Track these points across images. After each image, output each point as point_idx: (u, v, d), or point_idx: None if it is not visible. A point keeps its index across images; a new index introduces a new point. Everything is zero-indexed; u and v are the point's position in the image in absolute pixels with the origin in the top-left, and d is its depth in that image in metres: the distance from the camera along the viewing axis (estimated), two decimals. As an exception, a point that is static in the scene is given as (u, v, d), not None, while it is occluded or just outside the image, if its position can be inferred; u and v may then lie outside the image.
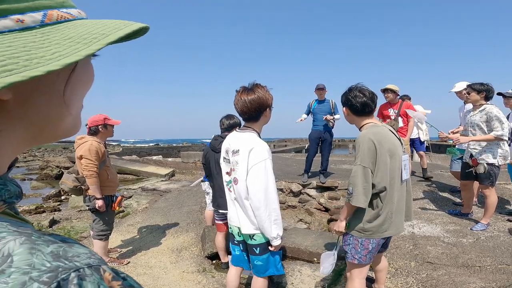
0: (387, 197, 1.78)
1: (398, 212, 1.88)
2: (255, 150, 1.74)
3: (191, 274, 2.95)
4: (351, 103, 1.88)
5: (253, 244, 1.88)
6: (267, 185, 1.73)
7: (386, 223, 1.82)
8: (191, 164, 11.83)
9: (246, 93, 1.78)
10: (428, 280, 2.51)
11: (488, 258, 2.79)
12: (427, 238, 3.27)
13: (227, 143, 1.94)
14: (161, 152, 20.04)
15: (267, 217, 1.75)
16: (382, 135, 1.79)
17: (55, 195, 7.80)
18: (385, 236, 1.88)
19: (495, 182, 3.40)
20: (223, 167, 2.00)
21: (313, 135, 5.00)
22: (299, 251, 3.31)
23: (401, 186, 1.86)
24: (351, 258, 1.93)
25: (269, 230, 1.77)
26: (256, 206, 1.74)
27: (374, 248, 1.88)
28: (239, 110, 1.82)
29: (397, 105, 4.67)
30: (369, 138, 1.75)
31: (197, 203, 5.41)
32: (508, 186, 5.00)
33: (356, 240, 1.89)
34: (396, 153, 1.79)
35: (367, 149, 1.73)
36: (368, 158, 1.73)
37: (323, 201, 5.04)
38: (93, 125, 3.03)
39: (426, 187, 5.06)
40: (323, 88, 4.86)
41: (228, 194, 1.98)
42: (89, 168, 2.89)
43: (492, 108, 3.29)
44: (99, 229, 3.10)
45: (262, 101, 1.77)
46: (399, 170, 1.82)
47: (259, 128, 1.88)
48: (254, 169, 1.73)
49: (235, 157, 1.82)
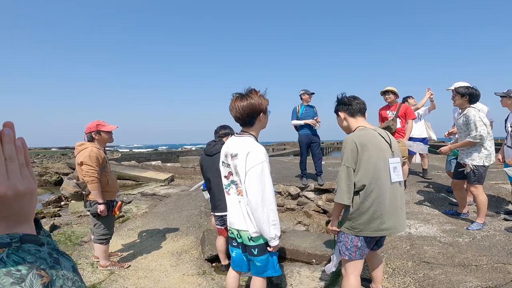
0: (371, 196, 1.86)
1: (392, 213, 1.91)
2: (252, 154, 1.80)
3: (192, 276, 2.98)
4: (350, 105, 2.02)
5: (251, 245, 1.92)
6: (264, 187, 1.79)
7: (374, 222, 1.88)
8: (190, 169, 11.85)
9: (240, 99, 1.84)
10: (425, 280, 2.54)
11: (484, 257, 2.83)
12: (424, 238, 3.31)
13: (226, 147, 1.99)
14: (160, 158, 20.04)
15: (265, 218, 1.79)
16: (366, 137, 1.90)
17: (54, 201, 7.82)
18: (377, 236, 1.93)
19: (483, 181, 3.48)
20: (221, 171, 2.05)
21: (303, 139, 5.16)
22: (298, 252, 3.34)
23: (392, 187, 1.91)
24: (342, 254, 2.02)
25: (267, 231, 1.81)
26: (254, 207, 1.79)
27: (363, 245, 1.95)
28: (234, 116, 1.89)
29: (396, 107, 4.73)
30: (352, 140, 1.88)
31: (197, 207, 5.44)
32: (505, 185, 5.05)
33: (346, 237, 1.98)
34: (380, 154, 1.88)
35: (350, 151, 1.87)
36: (351, 159, 1.87)
37: (321, 203, 5.07)
38: (87, 132, 3.09)
39: (423, 188, 5.11)
40: (310, 93, 5.08)
41: (227, 197, 2.02)
42: (90, 174, 2.93)
43: (471, 111, 3.39)
44: (100, 233, 3.13)
45: (254, 107, 1.82)
46: (385, 171, 1.88)
47: (255, 133, 1.93)
48: (251, 172, 1.78)
49: (234, 161, 1.87)
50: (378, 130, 2.00)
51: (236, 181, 1.91)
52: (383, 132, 2.01)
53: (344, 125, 2.10)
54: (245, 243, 1.95)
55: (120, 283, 2.89)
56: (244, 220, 1.90)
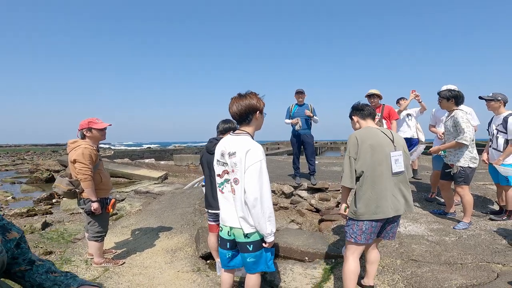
0: (368, 181, 2.18)
1: (386, 199, 2.16)
2: (251, 152, 1.87)
3: (186, 273, 3.02)
4: (362, 110, 2.43)
5: (247, 242, 1.97)
6: (262, 184, 1.86)
7: (371, 205, 2.15)
8: (184, 167, 11.85)
9: (239, 97, 1.98)
10: (413, 277, 2.63)
11: (469, 255, 2.93)
12: (412, 237, 3.41)
13: (222, 146, 2.03)
14: (153, 155, 19.94)
15: (262, 214, 1.86)
16: (367, 134, 2.26)
17: (46, 198, 7.75)
18: (376, 219, 2.16)
19: (469, 182, 3.60)
20: (216, 169, 2.08)
21: (293, 139, 5.27)
22: (291, 250, 3.41)
23: (393, 177, 2.20)
24: (349, 237, 2.27)
25: (265, 227, 1.88)
26: (252, 204, 1.84)
27: (368, 229, 2.19)
28: (232, 112, 1.98)
29: (379, 109, 4.82)
30: (354, 136, 2.27)
31: (191, 205, 5.47)
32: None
33: (353, 221, 2.25)
34: (379, 148, 2.19)
35: (352, 144, 2.26)
36: (353, 150, 2.24)
37: (314, 202, 5.16)
38: (80, 129, 3.09)
39: (412, 187, 5.23)
40: (303, 92, 5.14)
41: (220, 195, 2.06)
42: (83, 171, 2.94)
43: (458, 113, 3.51)
44: (94, 231, 3.14)
45: (252, 105, 1.95)
46: (385, 163, 2.17)
47: (252, 132, 2.02)
48: (250, 169, 1.85)
49: (233, 159, 1.91)
50: (381, 129, 2.33)
51: (230, 179, 1.95)
52: (387, 131, 2.33)
53: (356, 127, 2.46)
54: (238, 240, 2.00)
55: (115, 280, 2.91)
56: (237, 218, 1.94)
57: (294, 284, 2.78)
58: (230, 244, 2.09)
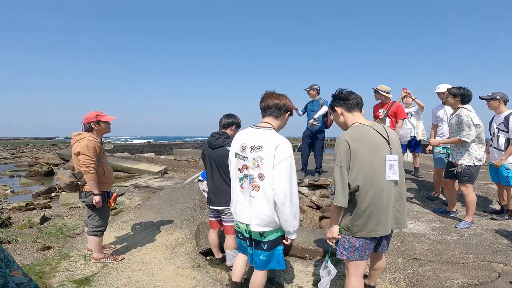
0: (367, 197, 1.81)
1: (387, 213, 1.87)
2: (281, 147, 1.83)
3: (186, 269, 3.00)
4: (347, 99, 1.98)
5: (262, 240, 1.94)
6: (292, 181, 1.84)
7: (371, 223, 1.84)
8: (184, 161, 11.83)
9: (278, 94, 2.02)
10: (414, 276, 2.62)
11: (471, 255, 2.92)
12: (414, 235, 3.39)
13: (243, 138, 1.96)
14: (153, 150, 19.90)
15: (290, 211, 1.84)
16: (358, 136, 1.85)
17: (45, 192, 7.72)
18: (373, 236, 1.87)
19: (473, 181, 3.59)
20: (233, 164, 2.00)
21: (304, 134, 5.31)
22: (292, 247, 3.39)
23: (388, 186, 1.85)
24: (340, 255, 1.97)
25: (292, 224, 1.87)
26: (282, 201, 1.81)
27: (362, 246, 1.89)
28: (266, 104, 1.97)
29: (388, 105, 4.77)
30: (344, 140, 1.84)
31: (191, 200, 5.44)
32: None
33: (344, 237, 1.94)
34: (374, 153, 1.83)
35: (343, 151, 1.83)
36: (344, 159, 1.82)
37: (315, 199, 5.14)
38: (86, 122, 3.07)
39: (413, 186, 5.20)
40: (308, 89, 5.16)
41: (240, 190, 1.98)
42: (87, 164, 2.92)
43: (463, 111, 3.50)
44: (94, 225, 3.12)
45: (286, 104, 2.01)
46: (381, 170, 1.82)
47: (277, 127, 2.01)
48: (280, 165, 1.81)
49: (258, 153, 1.84)
50: (374, 126, 1.93)
51: (252, 175, 1.87)
52: (380, 127, 1.93)
53: (341, 120, 2.04)
54: (254, 237, 1.97)
55: (113, 276, 2.89)
56: (257, 216, 1.88)
57: (295, 282, 2.76)
58: (249, 241, 2.06)
